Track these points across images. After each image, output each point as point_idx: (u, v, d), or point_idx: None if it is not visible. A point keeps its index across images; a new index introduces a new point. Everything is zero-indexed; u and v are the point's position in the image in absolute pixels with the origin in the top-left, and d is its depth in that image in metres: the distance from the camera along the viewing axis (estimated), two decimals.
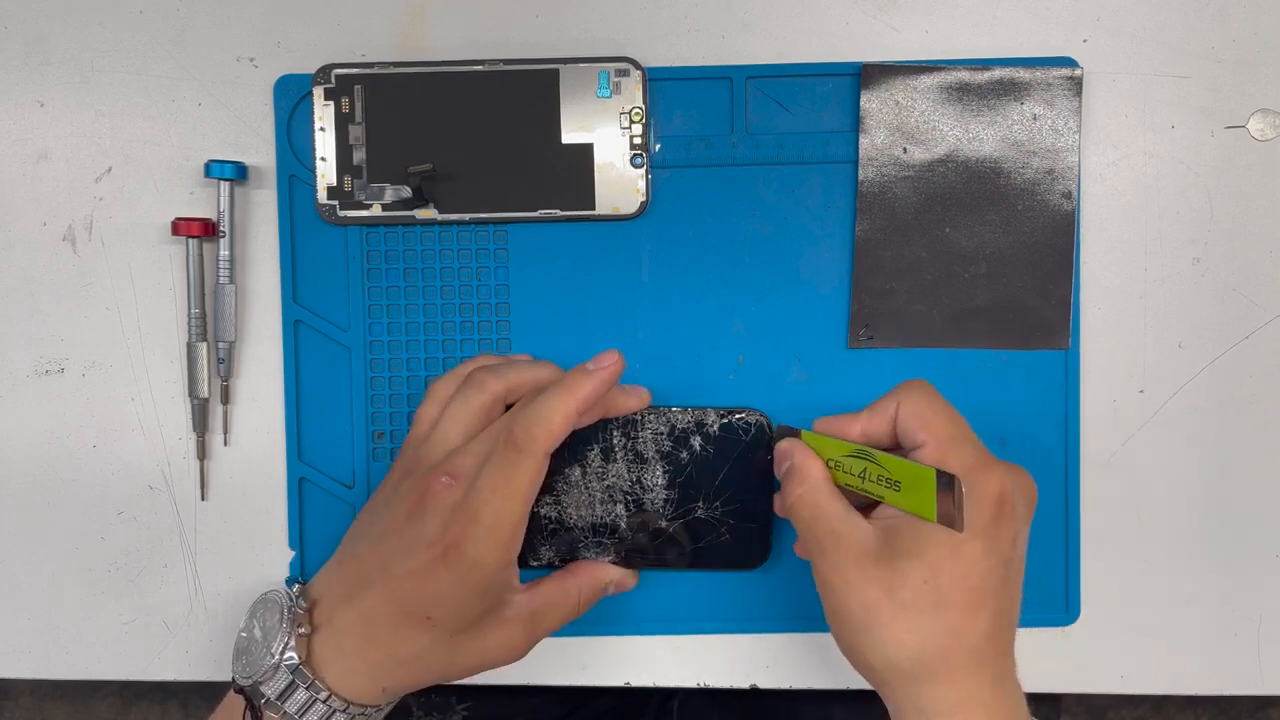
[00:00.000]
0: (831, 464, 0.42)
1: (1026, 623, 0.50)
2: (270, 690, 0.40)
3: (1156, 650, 0.51)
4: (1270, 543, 0.51)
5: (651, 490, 0.46)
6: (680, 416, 0.46)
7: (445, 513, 0.40)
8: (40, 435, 0.51)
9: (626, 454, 0.46)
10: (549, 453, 0.41)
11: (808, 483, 0.41)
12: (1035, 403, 0.50)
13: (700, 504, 0.47)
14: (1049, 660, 0.51)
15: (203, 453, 0.50)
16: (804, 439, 0.43)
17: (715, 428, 0.46)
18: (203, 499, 0.51)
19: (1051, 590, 0.50)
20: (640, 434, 0.46)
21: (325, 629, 0.42)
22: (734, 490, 0.47)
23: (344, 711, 0.41)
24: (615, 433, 0.46)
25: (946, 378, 0.49)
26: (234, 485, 0.51)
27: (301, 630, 0.41)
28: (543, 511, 0.46)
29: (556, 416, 0.40)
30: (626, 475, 0.46)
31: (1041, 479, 0.50)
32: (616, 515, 0.46)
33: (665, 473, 0.46)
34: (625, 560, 0.47)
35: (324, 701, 0.41)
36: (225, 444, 0.51)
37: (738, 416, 0.47)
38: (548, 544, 0.47)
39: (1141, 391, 0.50)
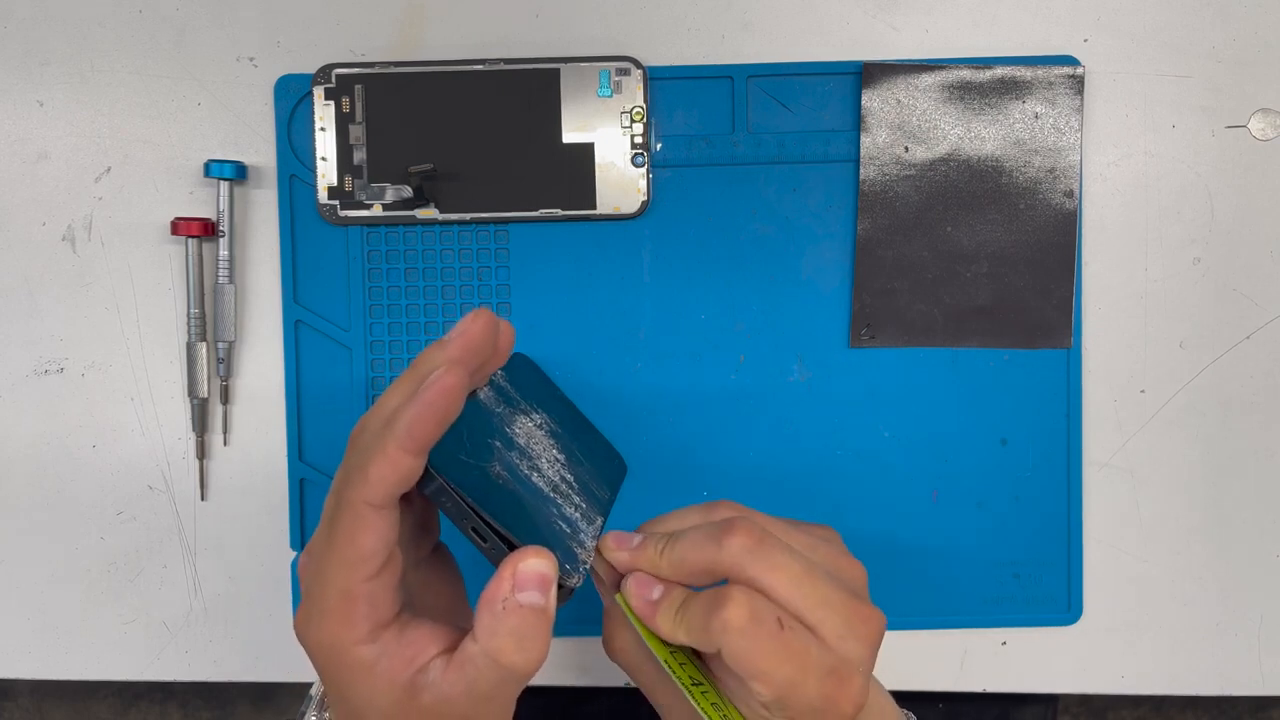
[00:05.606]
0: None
1: (1027, 622, 0.50)
2: None
3: (1156, 650, 0.51)
4: (1270, 543, 0.51)
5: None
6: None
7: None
8: (40, 435, 0.50)
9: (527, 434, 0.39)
10: (377, 504, 0.32)
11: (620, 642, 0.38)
12: (1037, 402, 0.50)
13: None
14: (1049, 660, 0.51)
15: (202, 453, 0.50)
16: (619, 601, 0.37)
17: None
18: (203, 499, 0.51)
19: (1052, 590, 0.50)
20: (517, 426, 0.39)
21: None
22: None
23: None
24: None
25: (948, 377, 0.50)
26: (234, 485, 0.51)
27: (327, 715, 0.39)
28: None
29: (370, 466, 0.32)
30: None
31: (1043, 479, 0.50)
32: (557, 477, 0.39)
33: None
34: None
35: None
36: (225, 444, 0.51)
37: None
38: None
39: (1142, 391, 0.50)
